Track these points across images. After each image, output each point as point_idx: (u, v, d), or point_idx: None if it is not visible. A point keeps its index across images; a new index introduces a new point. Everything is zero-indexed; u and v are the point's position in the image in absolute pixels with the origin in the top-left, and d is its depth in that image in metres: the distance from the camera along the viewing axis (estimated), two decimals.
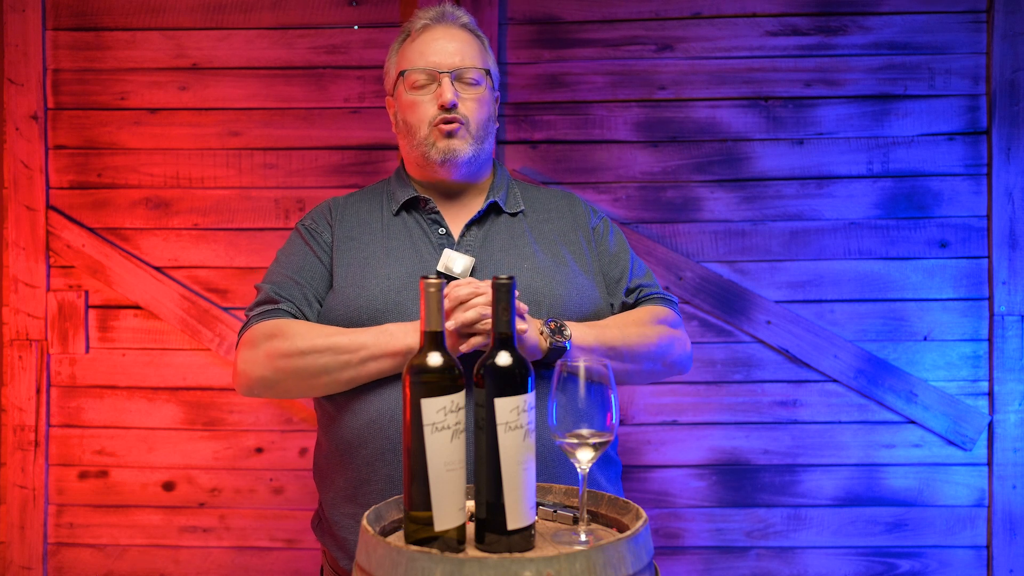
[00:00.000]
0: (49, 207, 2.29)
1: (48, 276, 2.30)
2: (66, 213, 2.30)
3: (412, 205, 1.62)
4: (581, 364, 1.14)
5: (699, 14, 2.25)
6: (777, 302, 2.24)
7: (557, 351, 1.42)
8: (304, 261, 1.58)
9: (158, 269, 2.28)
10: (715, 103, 2.25)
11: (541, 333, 1.42)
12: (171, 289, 2.27)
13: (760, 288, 2.25)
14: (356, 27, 2.28)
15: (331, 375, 1.44)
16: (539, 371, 1.45)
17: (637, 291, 1.64)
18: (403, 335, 1.42)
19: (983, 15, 2.22)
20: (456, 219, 1.61)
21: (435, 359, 1.11)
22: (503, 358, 1.10)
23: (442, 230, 1.58)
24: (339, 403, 1.50)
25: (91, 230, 2.29)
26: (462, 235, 1.58)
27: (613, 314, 1.62)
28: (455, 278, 1.51)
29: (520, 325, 1.38)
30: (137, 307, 2.29)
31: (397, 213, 1.61)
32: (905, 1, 2.23)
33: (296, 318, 1.52)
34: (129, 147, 2.30)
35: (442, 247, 1.56)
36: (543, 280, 1.53)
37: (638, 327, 1.55)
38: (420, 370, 1.10)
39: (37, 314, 2.29)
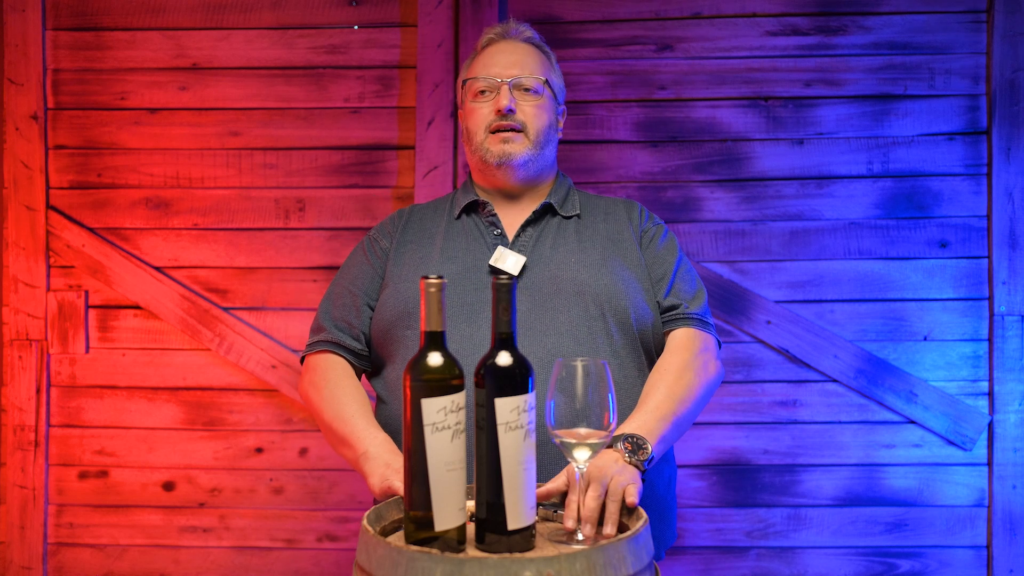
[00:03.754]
0: (49, 207, 2.29)
1: (48, 276, 2.30)
2: (66, 213, 2.30)
3: (472, 209, 1.67)
4: (579, 364, 1.14)
5: (699, 14, 2.25)
6: (777, 302, 2.24)
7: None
8: (359, 269, 1.66)
9: (158, 269, 2.28)
10: (715, 103, 2.25)
11: (626, 460, 1.32)
12: (171, 289, 2.27)
13: (760, 288, 2.25)
14: (356, 27, 2.28)
15: (325, 433, 1.56)
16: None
17: (678, 307, 1.59)
18: (365, 458, 1.41)
19: (983, 15, 2.22)
20: (512, 221, 1.64)
21: (435, 359, 1.10)
22: (503, 358, 1.10)
23: (497, 230, 1.62)
24: (385, 391, 1.58)
25: (91, 230, 2.29)
26: (516, 235, 1.61)
27: (658, 312, 1.59)
28: (505, 273, 1.54)
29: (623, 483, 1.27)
30: (137, 307, 2.29)
31: (458, 217, 1.66)
32: (905, 1, 2.23)
33: (340, 346, 1.60)
34: (129, 147, 2.30)
35: (495, 246, 1.59)
36: (589, 273, 1.55)
37: (682, 380, 1.49)
38: (420, 370, 1.10)
39: (37, 314, 2.29)
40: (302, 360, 1.66)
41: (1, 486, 2.33)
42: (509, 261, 1.55)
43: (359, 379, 1.60)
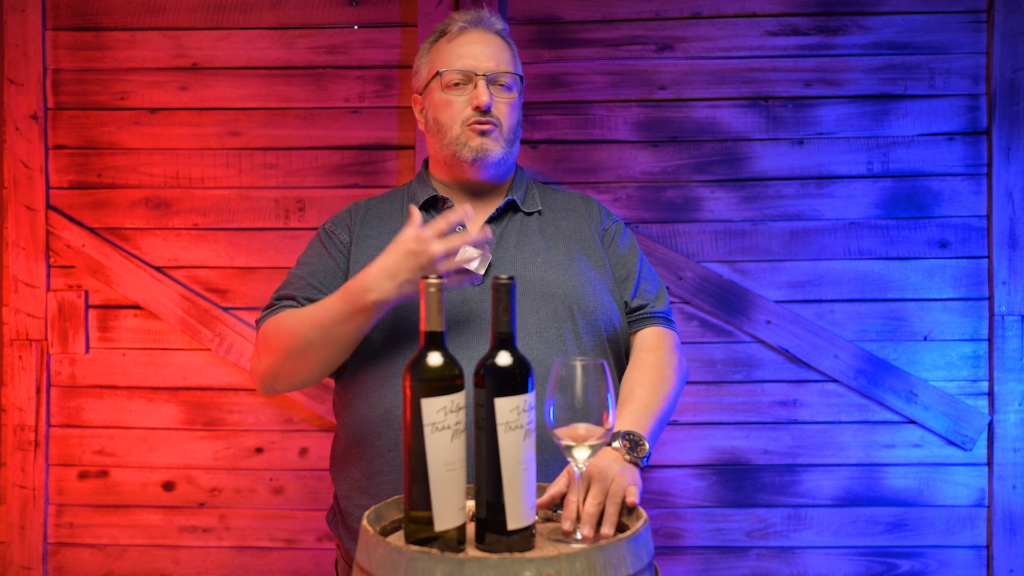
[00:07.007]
0: (49, 207, 2.29)
1: (48, 276, 2.30)
2: (66, 213, 2.30)
3: (432, 204, 1.64)
4: (578, 363, 1.14)
5: (699, 14, 2.25)
6: (777, 302, 2.24)
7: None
8: (319, 262, 1.61)
9: (158, 269, 2.28)
10: (715, 103, 2.25)
11: (626, 459, 1.34)
12: (171, 289, 2.27)
13: (760, 288, 2.24)
14: (356, 27, 2.28)
15: (319, 349, 1.47)
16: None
17: (644, 307, 1.63)
18: (364, 292, 1.41)
19: (983, 15, 2.22)
20: (475, 217, 1.61)
21: (435, 359, 1.10)
22: (503, 358, 1.10)
23: (460, 227, 1.58)
24: (355, 393, 1.53)
25: (91, 230, 2.29)
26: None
27: (624, 312, 1.62)
28: (471, 273, 1.53)
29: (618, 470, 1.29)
30: (137, 307, 2.29)
31: None
32: (905, 1, 2.23)
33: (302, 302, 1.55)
34: (129, 147, 2.30)
35: None
36: (556, 273, 1.55)
37: (663, 378, 1.53)
38: (420, 370, 1.10)
39: (37, 314, 2.29)
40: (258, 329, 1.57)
41: (1, 486, 2.33)
42: (474, 261, 1.53)
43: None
